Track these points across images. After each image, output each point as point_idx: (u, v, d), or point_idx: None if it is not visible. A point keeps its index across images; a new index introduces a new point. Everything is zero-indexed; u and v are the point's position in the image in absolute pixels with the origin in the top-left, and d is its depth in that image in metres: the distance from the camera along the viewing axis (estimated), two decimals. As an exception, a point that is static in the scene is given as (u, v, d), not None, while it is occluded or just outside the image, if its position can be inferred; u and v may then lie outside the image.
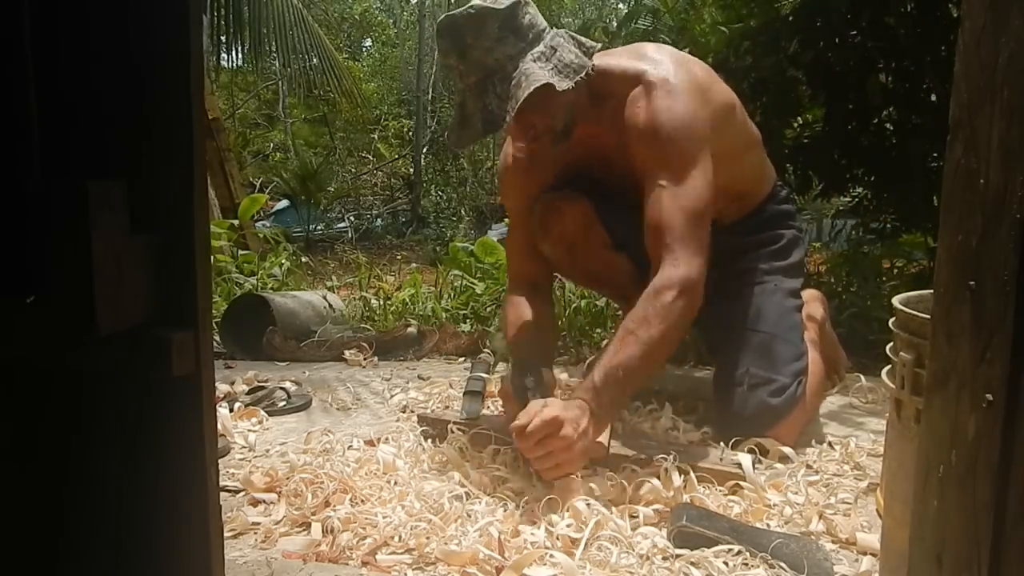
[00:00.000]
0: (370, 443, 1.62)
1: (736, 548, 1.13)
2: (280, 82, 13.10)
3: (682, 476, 1.34)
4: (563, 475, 1.31)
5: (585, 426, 1.34)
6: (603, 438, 1.46)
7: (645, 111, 1.56)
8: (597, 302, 2.83)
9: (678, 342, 1.52)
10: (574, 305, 2.82)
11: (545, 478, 1.33)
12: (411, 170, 13.31)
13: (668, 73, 1.58)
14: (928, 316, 0.65)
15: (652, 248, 1.53)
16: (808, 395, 1.66)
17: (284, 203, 10.89)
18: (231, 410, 1.89)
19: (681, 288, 1.46)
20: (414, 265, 5.89)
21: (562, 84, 1.48)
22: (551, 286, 1.99)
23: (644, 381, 1.56)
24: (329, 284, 4.07)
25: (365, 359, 2.53)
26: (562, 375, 2.16)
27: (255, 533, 1.26)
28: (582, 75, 1.51)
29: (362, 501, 1.32)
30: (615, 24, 3.33)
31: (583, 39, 1.57)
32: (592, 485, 1.33)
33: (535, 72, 1.46)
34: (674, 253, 1.48)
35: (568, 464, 1.32)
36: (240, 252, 4.25)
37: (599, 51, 1.60)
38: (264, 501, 1.37)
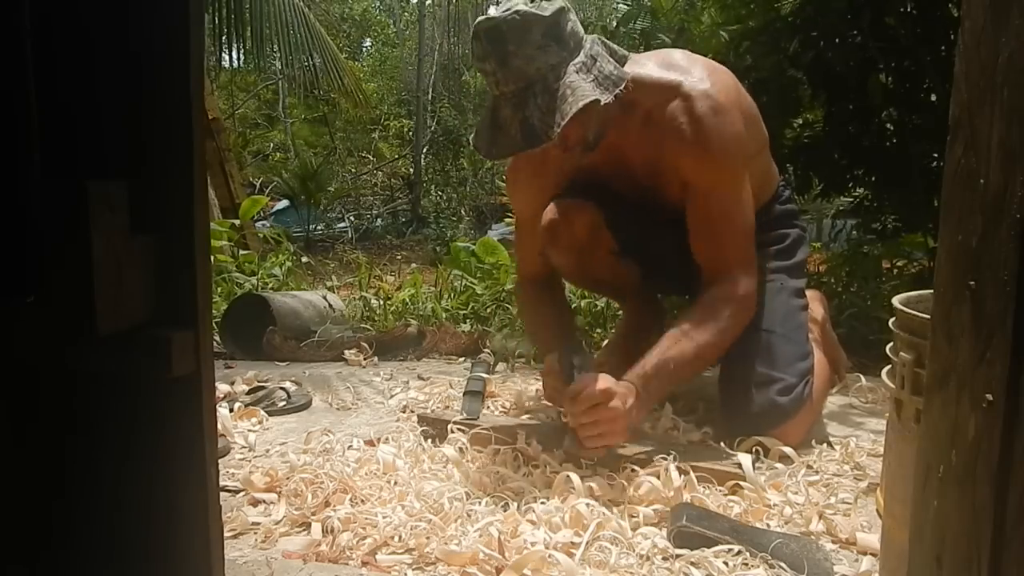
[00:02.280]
0: (370, 443, 1.62)
1: (736, 548, 1.13)
2: (280, 82, 13.11)
3: (682, 476, 1.34)
4: (604, 445, 1.41)
5: (632, 404, 1.43)
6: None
7: (693, 127, 1.54)
8: (597, 303, 2.83)
9: (725, 351, 1.61)
10: (574, 305, 2.82)
11: (587, 445, 1.42)
12: (411, 170, 13.31)
13: (705, 85, 1.55)
14: (928, 316, 0.65)
15: (708, 262, 1.60)
16: (814, 395, 1.66)
17: (284, 203, 10.89)
18: (231, 410, 1.89)
19: (738, 304, 1.57)
20: (414, 265, 5.88)
21: (605, 98, 1.44)
22: (562, 280, 2.01)
23: (687, 380, 1.67)
24: (329, 284, 4.07)
25: (365, 359, 2.53)
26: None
27: (255, 533, 1.26)
28: (621, 88, 1.47)
29: (362, 501, 1.32)
30: (614, 23, 3.33)
31: (614, 46, 1.54)
32: (592, 485, 1.33)
33: (582, 86, 1.42)
34: (732, 270, 1.58)
35: (611, 435, 1.41)
36: (240, 252, 4.25)
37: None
38: (264, 501, 1.37)
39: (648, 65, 1.62)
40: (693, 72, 1.58)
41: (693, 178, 1.58)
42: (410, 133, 14.02)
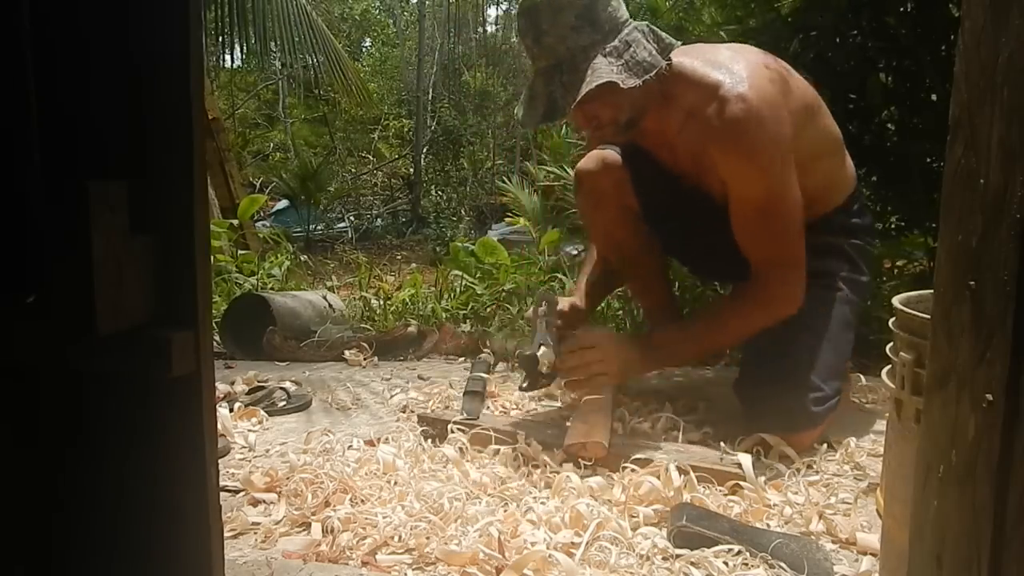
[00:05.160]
0: (370, 443, 1.62)
1: (736, 548, 1.13)
2: (280, 82, 13.10)
3: (682, 476, 1.34)
4: (585, 392, 1.59)
5: (626, 356, 1.63)
6: (603, 438, 1.47)
7: (727, 132, 1.53)
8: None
9: (746, 339, 1.72)
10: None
11: (569, 388, 1.63)
12: (411, 170, 13.30)
13: (743, 88, 1.53)
14: (928, 316, 0.65)
15: (750, 259, 1.63)
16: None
17: (284, 203, 10.88)
18: (231, 410, 1.89)
19: (774, 303, 1.62)
20: (414, 265, 5.89)
21: (629, 82, 1.49)
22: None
23: (698, 358, 1.96)
24: (329, 284, 4.07)
25: (365, 359, 2.53)
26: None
27: (255, 533, 1.26)
28: (652, 74, 1.51)
29: (362, 501, 1.32)
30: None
31: (663, 35, 1.56)
32: (592, 485, 1.33)
33: (602, 68, 1.48)
34: (772, 270, 1.60)
35: (593, 384, 1.60)
36: (240, 252, 4.25)
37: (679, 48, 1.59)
38: (264, 501, 1.37)
39: (695, 59, 1.63)
40: (735, 72, 1.56)
41: (730, 181, 1.59)
42: (410, 133, 14.01)
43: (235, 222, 4.66)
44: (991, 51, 0.55)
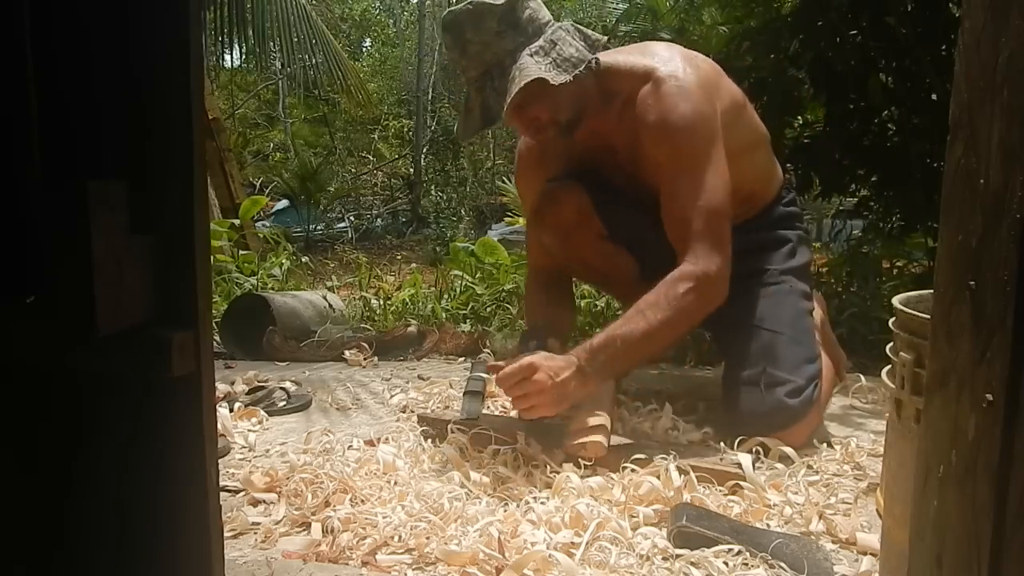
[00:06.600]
0: (370, 443, 1.62)
1: (736, 548, 1.13)
2: (280, 82, 13.10)
3: (682, 476, 1.34)
4: (536, 416, 1.48)
5: (566, 377, 1.45)
6: (603, 438, 1.47)
7: (656, 109, 1.57)
8: (597, 303, 2.83)
9: (685, 333, 1.61)
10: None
11: (521, 416, 1.51)
12: (411, 170, 13.30)
13: (676, 70, 1.58)
14: (928, 316, 0.65)
15: (674, 241, 1.59)
16: (820, 398, 1.66)
17: (284, 203, 10.88)
18: (231, 410, 1.89)
19: (696, 282, 1.52)
20: (414, 265, 5.89)
21: (558, 78, 1.49)
22: (571, 277, 2.01)
23: (640, 360, 1.69)
24: (329, 284, 4.07)
25: (365, 359, 2.53)
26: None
27: (255, 533, 1.26)
28: (581, 69, 1.52)
29: (362, 501, 1.32)
30: (613, 22, 3.33)
31: (589, 32, 1.59)
32: (592, 485, 1.33)
33: (529, 67, 1.49)
34: (694, 249, 1.55)
35: (541, 407, 1.46)
36: (240, 252, 4.25)
37: (606, 48, 1.61)
38: (264, 501, 1.37)
39: (627, 54, 1.68)
40: (668, 59, 1.61)
41: (660, 158, 1.60)
42: (410, 133, 14.01)
43: (236, 222, 4.66)
44: (991, 51, 0.55)
